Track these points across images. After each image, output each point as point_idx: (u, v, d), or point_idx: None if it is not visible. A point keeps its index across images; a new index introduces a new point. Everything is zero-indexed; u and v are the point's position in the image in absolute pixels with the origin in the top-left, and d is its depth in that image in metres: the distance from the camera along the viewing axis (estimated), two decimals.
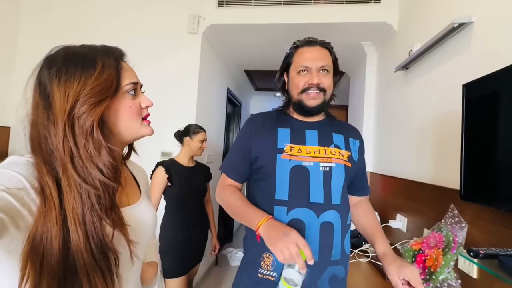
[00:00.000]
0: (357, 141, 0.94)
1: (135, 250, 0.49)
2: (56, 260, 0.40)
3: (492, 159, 0.81)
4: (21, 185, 0.40)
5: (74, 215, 0.42)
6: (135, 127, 0.53)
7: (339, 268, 0.83)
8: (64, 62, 0.46)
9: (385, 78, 2.08)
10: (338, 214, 0.82)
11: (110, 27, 2.23)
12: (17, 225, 0.38)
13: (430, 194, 1.29)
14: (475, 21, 1.06)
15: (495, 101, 0.80)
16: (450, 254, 0.93)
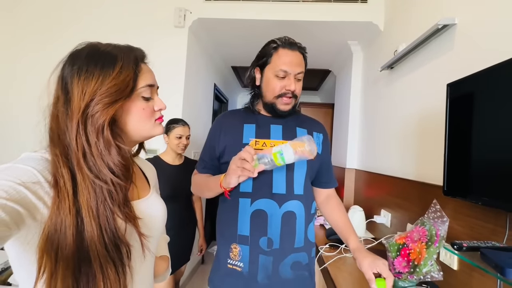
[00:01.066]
0: (320, 134, 0.97)
1: (146, 243, 0.51)
2: (71, 251, 0.41)
3: (470, 156, 0.85)
4: (35, 179, 0.42)
5: (88, 208, 0.43)
6: (147, 128, 0.54)
7: (302, 254, 0.87)
8: (86, 60, 0.47)
9: (370, 77, 2.12)
10: (301, 203, 0.86)
11: (91, 20, 2.12)
12: (34, 218, 0.40)
13: (413, 190, 1.34)
14: (458, 23, 1.10)
15: (477, 100, 0.83)
16: (433, 247, 0.96)
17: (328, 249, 1.45)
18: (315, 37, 2.32)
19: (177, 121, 1.62)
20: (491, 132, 0.77)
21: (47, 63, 1.90)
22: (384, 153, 1.76)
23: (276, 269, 0.83)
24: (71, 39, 2.00)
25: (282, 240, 0.83)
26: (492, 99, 0.77)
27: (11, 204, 0.37)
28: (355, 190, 2.27)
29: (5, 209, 0.36)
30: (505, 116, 0.71)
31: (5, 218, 0.36)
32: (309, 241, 0.90)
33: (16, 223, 0.38)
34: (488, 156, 0.78)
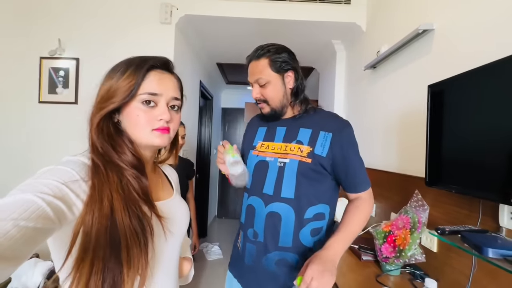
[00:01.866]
0: (329, 133, 0.88)
1: (168, 226, 0.56)
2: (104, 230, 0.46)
3: (447, 150, 0.95)
4: (74, 178, 0.47)
5: (116, 185, 0.50)
6: (143, 135, 0.55)
7: (289, 254, 0.88)
8: (115, 66, 0.56)
9: (353, 76, 2.23)
10: (289, 207, 0.86)
11: (73, 16, 2.02)
12: (72, 213, 0.45)
13: (395, 182, 1.45)
14: (435, 28, 1.20)
15: (455, 99, 0.93)
16: (416, 233, 1.07)
17: None
18: (299, 35, 2.38)
19: None
20: (467, 129, 0.87)
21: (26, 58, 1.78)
22: (368, 148, 1.87)
23: (260, 259, 0.90)
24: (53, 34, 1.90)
25: (265, 235, 0.89)
26: (469, 99, 0.87)
27: (55, 201, 0.42)
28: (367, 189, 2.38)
29: (51, 205, 0.41)
30: (480, 113, 0.81)
31: (51, 214, 0.40)
32: (301, 244, 0.87)
33: (59, 218, 0.42)
34: (462, 150, 0.88)
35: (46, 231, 0.40)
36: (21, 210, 0.38)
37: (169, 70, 0.59)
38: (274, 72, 0.88)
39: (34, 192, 0.40)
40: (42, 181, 0.43)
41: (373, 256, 1.28)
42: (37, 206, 0.39)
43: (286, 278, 0.87)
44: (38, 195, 0.40)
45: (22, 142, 1.99)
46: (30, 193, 0.40)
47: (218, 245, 3.41)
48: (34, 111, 2.00)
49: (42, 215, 0.39)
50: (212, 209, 4.51)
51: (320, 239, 0.90)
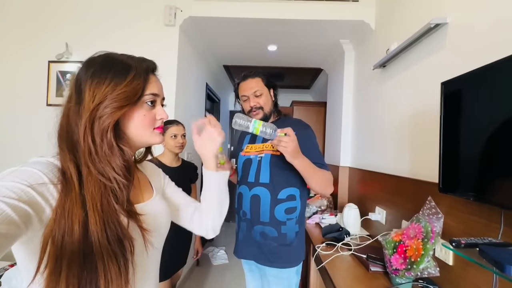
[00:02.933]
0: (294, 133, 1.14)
1: (149, 238, 0.53)
2: (76, 241, 0.43)
3: (464, 153, 0.86)
4: (41, 180, 0.44)
5: (92, 202, 0.46)
6: (145, 135, 0.56)
7: (268, 228, 1.18)
8: (101, 65, 0.51)
9: (363, 76, 2.14)
10: (266, 190, 1.18)
11: (79, 18, 2.05)
12: (40, 218, 0.42)
13: (407, 187, 1.35)
14: (449, 22, 1.12)
15: (469, 98, 0.84)
16: (429, 244, 0.98)
17: (325, 248, 1.45)
18: (306, 36, 2.32)
19: (170, 121, 1.59)
20: (484, 130, 0.78)
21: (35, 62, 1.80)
22: (378, 150, 1.78)
23: (249, 232, 1.22)
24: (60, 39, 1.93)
25: (251, 213, 1.21)
26: (485, 97, 0.78)
27: (21, 205, 0.39)
28: (349, 188, 2.29)
29: (15, 209, 0.38)
30: (500, 113, 0.72)
31: (15, 218, 0.38)
32: (276, 219, 1.17)
33: (25, 223, 0.40)
34: (481, 153, 0.79)
35: (11, 237, 0.38)
36: None
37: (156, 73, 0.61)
38: (265, 87, 1.24)
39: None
40: (5, 183, 0.40)
41: (382, 267, 1.19)
42: (1, 210, 0.37)
43: (266, 247, 1.18)
44: (1, 199, 0.38)
45: (31, 143, 2.02)
46: None
47: (224, 249, 3.35)
48: (42, 113, 2.03)
49: (6, 220, 0.37)
50: None
51: (296, 217, 1.21)
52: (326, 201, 2.31)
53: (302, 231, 1.26)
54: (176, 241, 1.52)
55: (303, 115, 3.25)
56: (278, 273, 1.18)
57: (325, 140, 3.00)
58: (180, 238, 1.57)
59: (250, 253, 1.23)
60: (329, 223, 1.88)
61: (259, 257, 1.20)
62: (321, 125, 3.18)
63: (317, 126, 3.20)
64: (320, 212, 2.15)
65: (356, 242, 1.53)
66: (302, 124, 1.26)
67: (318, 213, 2.11)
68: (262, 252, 1.19)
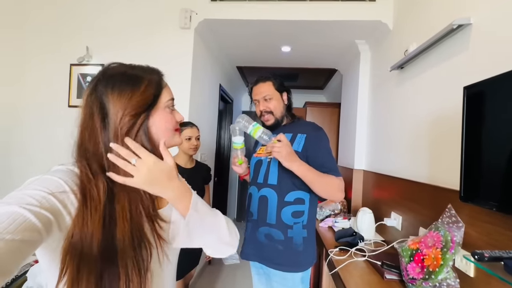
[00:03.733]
0: (304, 134, 1.19)
1: (165, 250, 0.55)
2: (94, 255, 0.44)
3: (488, 160, 0.82)
4: (62, 189, 0.45)
5: (123, 212, 0.48)
6: (170, 137, 0.59)
7: (274, 230, 1.16)
8: (120, 80, 0.53)
9: (379, 77, 2.09)
10: (273, 191, 1.17)
11: (97, 23, 2.13)
12: (59, 225, 0.43)
13: (425, 194, 1.31)
14: (473, 23, 1.07)
15: (494, 103, 0.80)
16: (448, 254, 0.94)
17: (338, 253, 1.43)
18: (321, 37, 2.29)
19: (184, 124, 1.62)
20: (510, 136, 0.74)
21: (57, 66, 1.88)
22: (394, 154, 1.73)
23: (254, 233, 1.22)
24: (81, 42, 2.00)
25: (258, 214, 1.20)
26: (510, 103, 0.74)
27: (43, 212, 0.41)
28: (364, 192, 2.25)
29: (38, 216, 0.40)
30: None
31: (38, 224, 0.39)
32: (282, 221, 1.16)
33: (47, 229, 0.41)
34: (505, 160, 0.76)
35: (33, 243, 0.39)
36: (6, 224, 0.37)
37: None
38: (276, 91, 1.23)
39: (20, 204, 0.40)
40: (28, 192, 0.42)
41: (398, 275, 1.16)
42: (24, 218, 0.39)
43: (270, 249, 1.16)
44: (25, 207, 0.39)
45: (53, 143, 2.11)
46: (15, 205, 0.39)
47: (237, 250, 3.37)
48: (64, 114, 2.12)
49: (29, 227, 0.38)
50: (231, 212, 4.50)
51: (303, 221, 1.18)
52: (340, 205, 2.27)
53: (312, 237, 1.21)
54: None
55: (316, 116, 3.21)
56: (282, 277, 1.15)
57: (339, 142, 2.95)
58: None
59: (254, 254, 1.22)
60: (342, 227, 1.85)
61: (263, 257, 1.19)
62: (334, 126, 3.14)
63: (330, 127, 3.16)
64: (333, 216, 2.11)
65: (370, 248, 1.49)
66: (314, 126, 1.24)
67: (331, 217, 2.08)
68: (266, 253, 1.17)
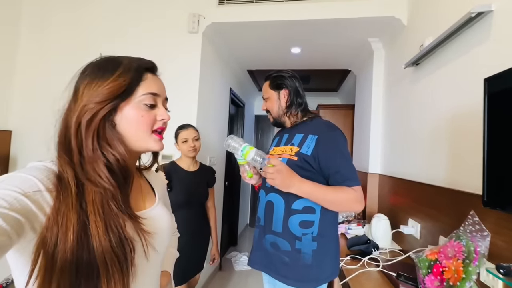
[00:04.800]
0: (315, 136, 1.05)
1: (150, 240, 0.51)
2: (70, 248, 0.41)
3: (510, 160, 0.72)
4: (36, 188, 0.42)
5: (94, 206, 0.45)
6: (142, 138, 0.53)
7: (281, 240, 1.05)
8: (95, 67, 0.51)
9: (393, 76, 1.98)
10: (280, 197, 1.06)
11: (106, 28, 2.20)
12: (33, 227, 0.41)
13: (445, 199, 1.20)
14: (494, 10, 0.97)
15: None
16: (471, 266, 0.84)
17: (349, 262, 1.34)
18: (332, 36, 2.22)
19: (181, 126, 1.60)
20: None
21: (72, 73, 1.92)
22: (411, 157, 1.62)
23: (261, 239, 1.13)
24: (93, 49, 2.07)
25: (265, 220, 1.12)
26: None
27: (12, 214, 0.38)
28: (379, 197, 2.12)
29: (6, 218, 0.37)
30: None
31: (6, 228, 0.37)
32: (289, 231, 1.04)
33: (17, 232, 0.38)
34: None
35: (2, 247, 0.36)
36: None
37: (156, 73, 0.58)
38: (271, 90, 1.16)
39: None
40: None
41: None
42: None
43: (276, 259, 1.06)
44: None
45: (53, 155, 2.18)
46: None
47: (247, 255, 3.31)
48: None
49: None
50: (244, 218, 4.46)
51: (313, 233, 1.03)
52: None
53: (325, 251, 1.04)
54: (192, 246, 1.52)
55: (329, 118, 3.08)
56: None
57: (353, 145, 2.84)
58: (196, 243, 1.57)
59: (260, 263, 1.12)
60: (355, 234, 1.75)
61: (268, 267, 1.09)
62: (349, 129, 3.02)
63: (344, 130, 3.00)
64: (347, 222, 2.01)
65: (385, 257, 1.39)
66: (329, 126, 1.09)
67: (344, 223, 1.97)
68: (272, 263, 1.07)
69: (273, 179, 0.92)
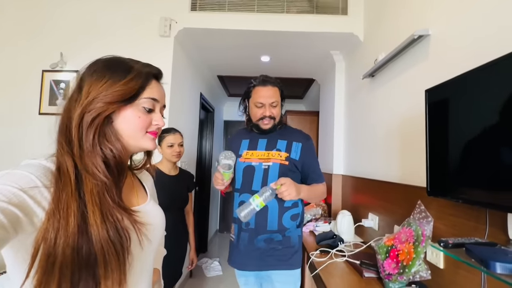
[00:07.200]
0: (299, 143, 1.24)
1: (144, 231, 0.53)
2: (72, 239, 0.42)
3: (449, 157, 0.89)
4: (33, 184, 0.43)
5: (91, 195, 0.46)
6: (137, 137, 0.55)
7: (275, 234, 1.19)
8: (103, 64, 0.53)
9: (353, 85, 2.21)
10: (273, 199, 1.11)
11: (74, 28, 2.08)
12: (31, 222, 0.41)
13: (398, 193, 1.38)
14: (431, 34, 1.18)
15: (452, 104, 0.88)
16: (420, 247, 0.99)
17: (319, 255, 1.45)
18: (299, 47, 2.39)
19: (167, 130, 1.59)
20: (467, 133, 0.82)
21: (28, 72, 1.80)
22: (369, 158, 1.81)
23: (252, 242, 1.19)
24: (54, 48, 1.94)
25: (256, 223, 1.18)
26: (466, 102, 0.82)
27: (10, 208, 0.39)
28: (343, 195, 2.31)
29: (4, 212, 0.38)
30: (479, 116, 0.76)
31: (4, 221, 0.37)
32: (283, 226, 1.19)
33: (14, 227, 0.39)
34: (465, 156, 0.83)
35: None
36: None
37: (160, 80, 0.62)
38: (280, 99, 1.24)
39: None
40: None
41: (376, 273, 1.19)
42: None
43: (270, 251, 1.18)
44: None
45: (23, 152, 1.99)
46: None
47: (219, 260, 3.29)
48: (35, 122, 2.02)
49: None
50: (213, 224, 4.41)
51: (297, 222, 1.24)
52: (321, 210, 2.31)
53: (302, 236, 1.31)
54: (172, 249, 1.49)
55: (296, 124, 3.29)
56: (286, 276, 1.19)
57: (318, 149, 3.04)
58: (177, 247, 1.55)
59: (252, 264, 1.20)
60: (323, 231, 1.88)
61: (263, 264, 1.19)
62: (314, 134, 3.23)
63: (310, 135, 3.22)
64: (314, 220, 2.15)
65: (349, 248, 1.53)
66: (305, 135, 1.29)
67: (312, 221, 2.10)
68: (267, 258, 1.18)
69: (291, 193, 1.03)
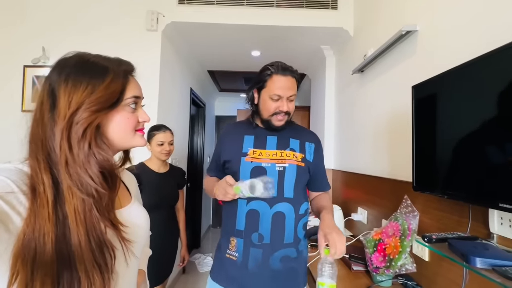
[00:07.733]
0: (312, 144, 1.08)
1: (131, 248, 0.52)
2: (49, 258, 0.41)
3: (435, 153, 0.91)
4: (9, 189, 0.41)
5: (76, 215, 0.43)
6: (128, 138, 0.54)
7: (291, 250, 0.98)
8: (75, 68, 0.48)
9: (343, 80, 2.21)
10: (290, 205, 0.98)
11: (59, 22, 2.00)
12: (7, 228, 0.40)
13: (387, 187, 1.40)
14: (419, 30, 1.18)
15: (439, 100, 0.89)
16: (406, 241, 1.02)
17: (309, 250, 1.46)
18: (289, 42, 2.37)
19: (158, 127, 1.56)
20: (452, 130, 0.83)
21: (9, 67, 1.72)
22: (359, 152, 1.83)
23: (266, 261, 0.95)
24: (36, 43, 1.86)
25: (272, 236, 0.95)
26: (451, 99, 0.83)
27: None
28: (333, 190, 2.34)
29: None
30: (463, 114, 0.77)
31: None
32: (298, 238, 1.00)
33: None
34: (450, 152, 0.84)
35: None
36: None
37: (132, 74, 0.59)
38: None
39: None
40: None
41: (364, 266, 1.22)
42: None
43: (285, 273, 0.97)
44: None
45: (5, 150, 1.93)
46: None
47: (211, 256, 3.31)
48: (17, 119, 1.94)
49: None
50: (206, 219, 4.41)
51: (305, 231, 1.06)
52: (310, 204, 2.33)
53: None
54: (163, 247, 1.49)
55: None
56: None
57: None
58: (167, 244, 1.54)
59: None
60: (313, 225, 1.90)
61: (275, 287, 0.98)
62: None
63: None
64: None
65: None
66: (317, 136, 1.13)
67: None
68: (278, 280, 0.97)
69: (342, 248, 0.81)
